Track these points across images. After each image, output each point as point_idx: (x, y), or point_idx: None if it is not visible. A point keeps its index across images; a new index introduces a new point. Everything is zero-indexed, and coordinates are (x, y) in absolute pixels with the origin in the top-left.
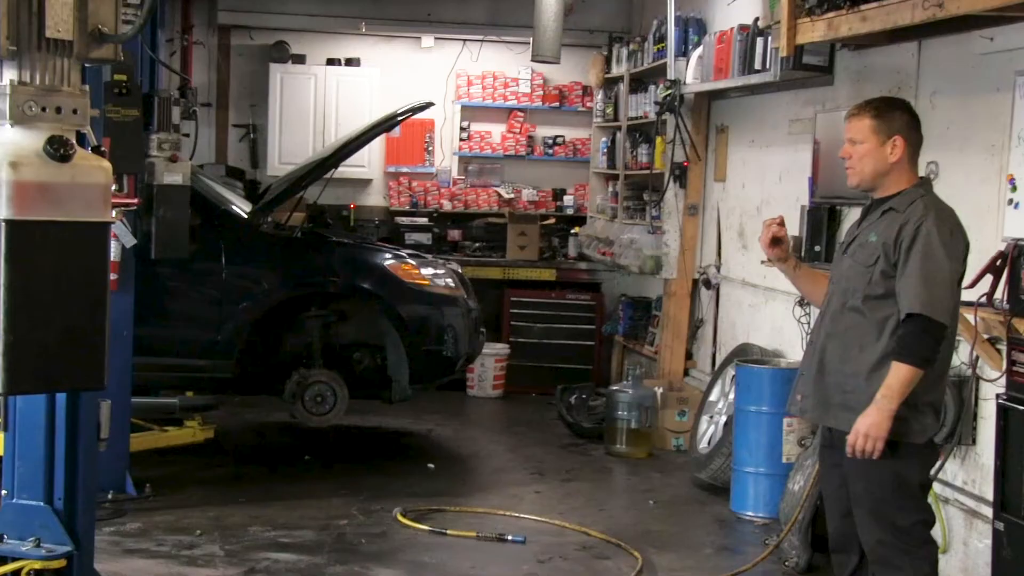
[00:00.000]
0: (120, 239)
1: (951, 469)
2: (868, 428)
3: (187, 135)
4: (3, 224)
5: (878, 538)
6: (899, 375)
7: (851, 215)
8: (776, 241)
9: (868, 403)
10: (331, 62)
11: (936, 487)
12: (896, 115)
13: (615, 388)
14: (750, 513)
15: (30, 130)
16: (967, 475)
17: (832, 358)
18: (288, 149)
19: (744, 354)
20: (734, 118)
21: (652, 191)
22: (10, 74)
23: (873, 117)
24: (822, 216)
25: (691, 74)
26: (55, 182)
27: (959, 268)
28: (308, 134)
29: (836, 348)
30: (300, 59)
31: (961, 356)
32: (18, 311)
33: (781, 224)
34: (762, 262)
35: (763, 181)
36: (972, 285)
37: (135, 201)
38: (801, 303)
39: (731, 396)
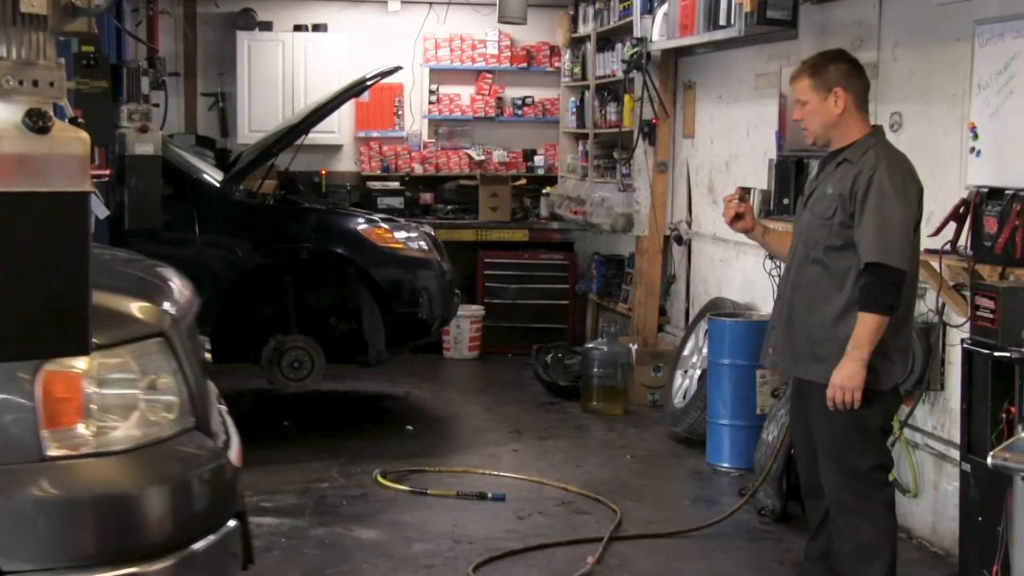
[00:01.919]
0: (93, 211)
1: (920, 415)
2: (843, 380)
3: (156, 105)
4: None
5: (838, 482)
6: (866, 324)
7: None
8: (738, 216)
9: (836, 352)
10: (298, 28)
11: (906, 433)
12: (831, 68)
13: (590, 346)
14: (726, 465)
15: (8, 104)
16: (936, 420)
17: (799, 310)
18: (257, 117)
19: (716, 308)
20: (701, 74)
21: (622, 149)
22: None
23: (810, 75)
24: (789, 169)
25: (657, 31)
26: (34, 154)
27: (913, 213)
28: (277, 101)
29: (802, 300)
30: (267, 26)
31: (928, 303)
32: (2, 280)
33: (741, 199)
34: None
35: (731, 136)
36: (936, 233)
37: (107, 172)
38: (771, 257)
39: (704, 350)
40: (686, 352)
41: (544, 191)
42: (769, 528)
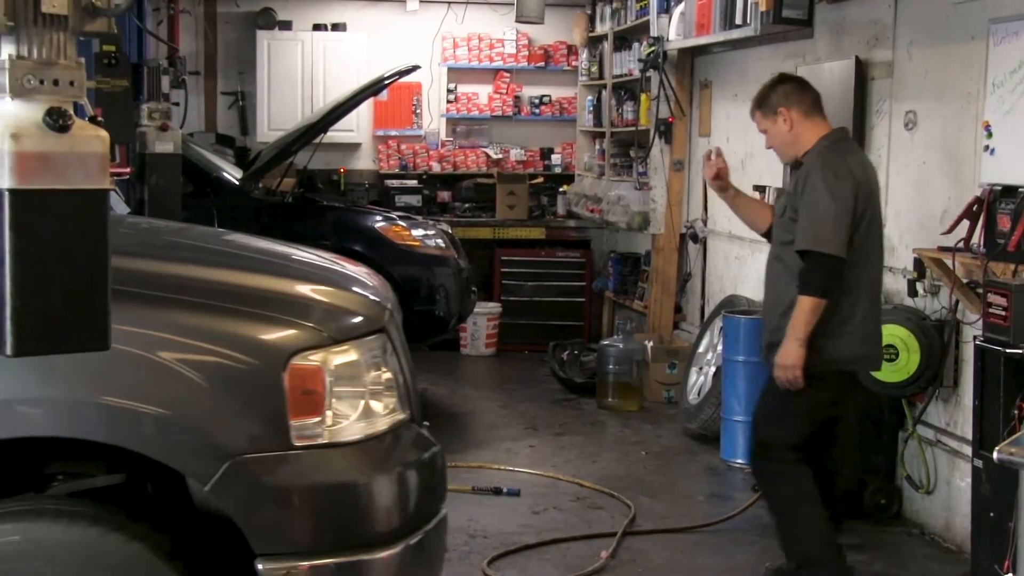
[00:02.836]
0: (113, 208)
1: (934, 411)
2: (782, 359)
3: (176, 104)
4: (6, 194)
5: (754, 448)
6: (801, 307)
7: None
8: (717, 175)
9: (770, 340)
10: (317, 27)
11: (920, 429)
12: (771, 94)
13: (606, 343)
14: (740, 461)
15: (29, 103)
16: (949, 417)
17: (767, 304)
18: (277, 115)
19: (731, 306)
20: (717, 73)
21: (638, 148)
22: (8, 49)
23: (758, 107)
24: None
25: (674, 31)
26: (55, 152)
27: (847, 205)
28: (296, 100)
29: (769, 295)
30: (287, 25)
31: (941, 301)
32: (23, 277)
33: (719, 155)
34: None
35: (746, 134)
36: (949, 231)
37: (127, 170)
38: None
39: (719, 347)
40: (701, 349)
41: (561, 189)
42: None
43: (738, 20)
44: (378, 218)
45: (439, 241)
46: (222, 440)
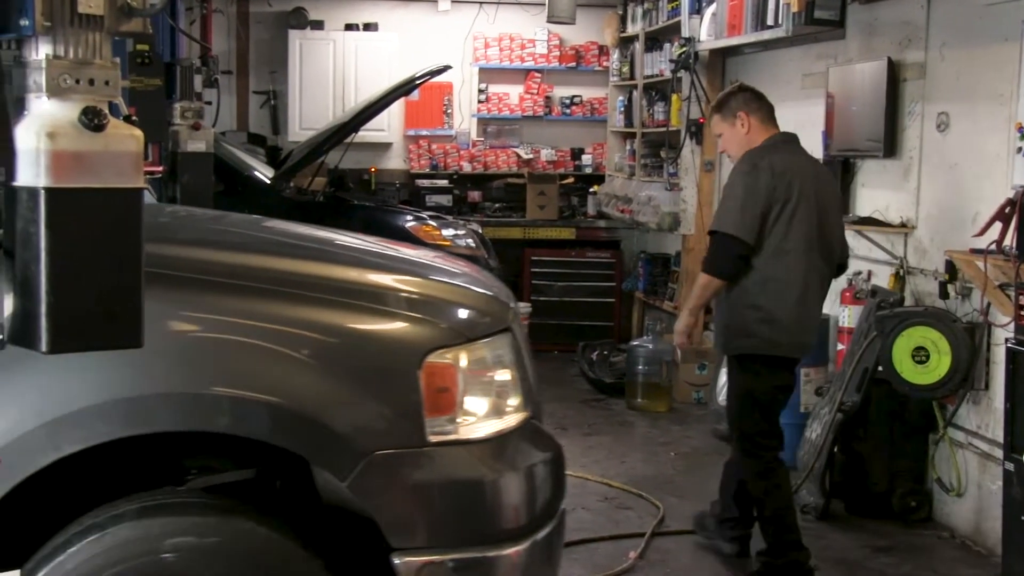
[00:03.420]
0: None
1: (965, 414)
2: (676, 326)
3: (209, 103)
4: (42, 192)
5: (735, 435)
6: (698, 282)
7: (865, 167)
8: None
9: (721, 329)
10: (349, 27)
11: (951, 432)
12: (731, 100)
13: (635, 343)
14: None
15: (65, 102)
16: (981, 419)
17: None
18: (308, 115)
19: None
20: (748, 74)
21: (669, 148)
22: (45, 49)
23: (717, 111)
24: (836, 168)
25: (705, 31)
26: (90, 151)
27: (757, 195)
28: (328, 99)
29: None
30: (318, 25)
31: (973, 303)
32: (58, 274)
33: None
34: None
35: None
36: (981, 233)
37: (160, 169)
38: None
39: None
40: None
41: (591, 190)
42: (811, 525)
43: (770, 21)
44: (408, 218)
45: (469, 241)
46: (361, 436)
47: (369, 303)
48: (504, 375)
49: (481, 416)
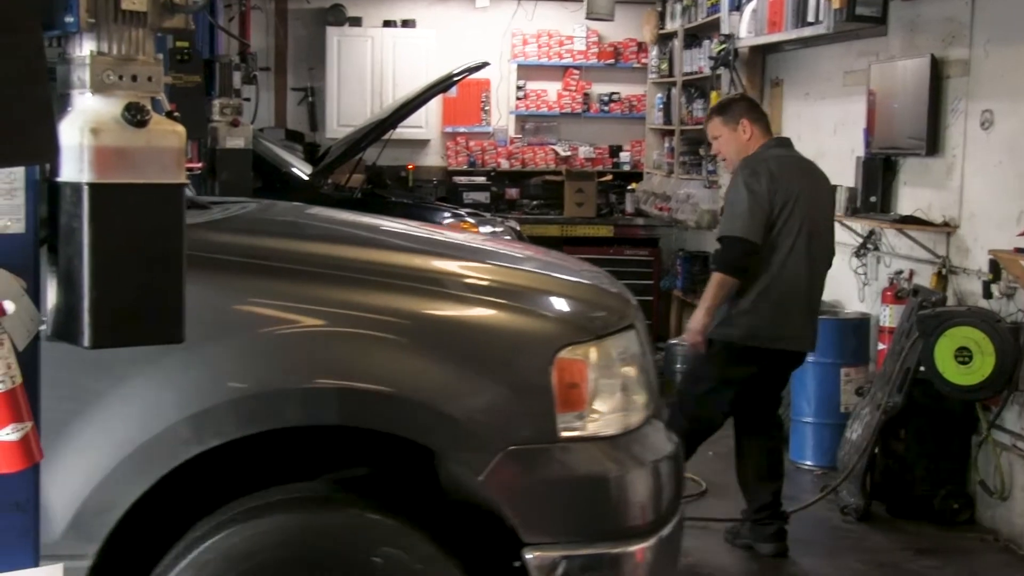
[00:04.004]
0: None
1: (1009, 416)
2: (691, 324)
3: (248, 100)
4: (86, 187)
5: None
6: (712, 281)
7: (906, 165)
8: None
9: (723, 318)
10: (387, 24)
11: (995, 434)
12: (735, 106)
13: (673, 342)
14: (809, 462)
15: (108, 98)
16: None
17: None
18: (346, 111)
19: None
20: (788, 71)
21: (708, 146)
22: (89, 45)
23: (718, 114)
24: (877, 167)
25: (745, 28)
26: (132, 146)
27: (762, 198)
28: (366, 96)
29: None
30: (356, 22)
31: (1018, 303)
32: (101, 269)
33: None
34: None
35: (818, 133)
36: None
37: (199, 165)
38: (857, 254)
39: None
40: None
41: (629, 187)
42: (851, 527)
43: (810, 17)
44: (446, 215)
45: (507, 239)
46: (496, 432)
47: (503, 300)
48: (630, 371)
49: (609, 412)
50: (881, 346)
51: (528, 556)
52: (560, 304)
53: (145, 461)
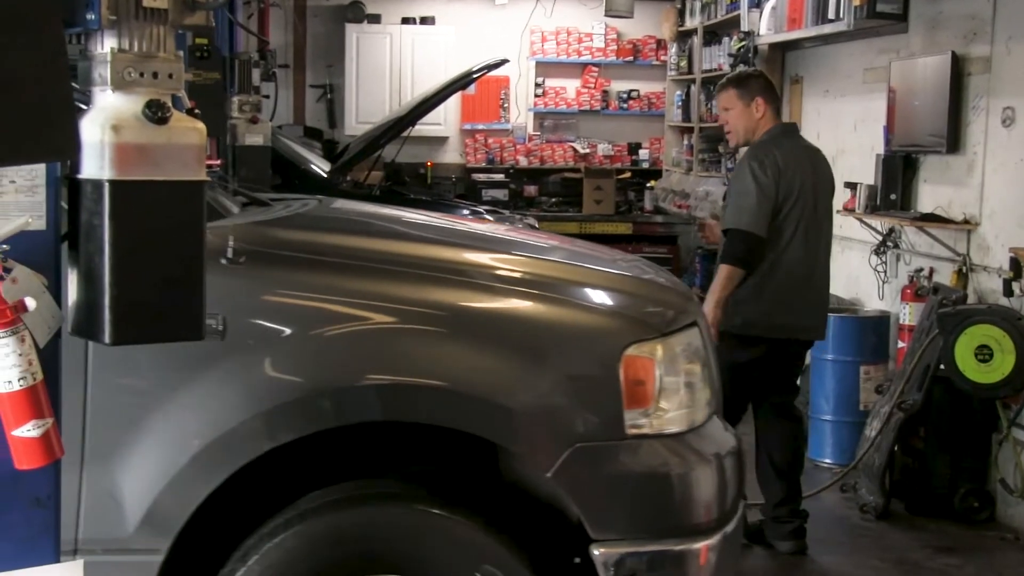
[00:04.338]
0: None
1: None
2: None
3: (267, 97)
4: (107, 184)
5: None
6: (721, 272)
7: (927, 162)
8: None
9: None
10: (406, 21)
11: (1015, 432)
12: (753, 82)
13: None
14: (828, 460)
15: (129, 95)
16: None
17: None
18: (365, 108)
19: None
20: (808, 68)
21: (727, 143)
22: (110, 42)
23: (735, 87)
24: (897, 164)
25: (765, 25)
26: (153, 143)
27: (769, 189)
28: (384, 93)
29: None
30: (375, 19)
31: None
32: (121, 266)
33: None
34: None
35: (837, 131)
36: None
37: (218, 162)
38: (877, 252)
39: None
40: None
41: (648, 185)
42: (870, 525)
43: (831, 14)
44: (465, 212)
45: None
46: (565, 428)
47: (571, 297)
48: (695, 368)
49: (674, 409)
50: (900, 344)
51: (596, 552)
52: (627, 301)
53: (217, 456)
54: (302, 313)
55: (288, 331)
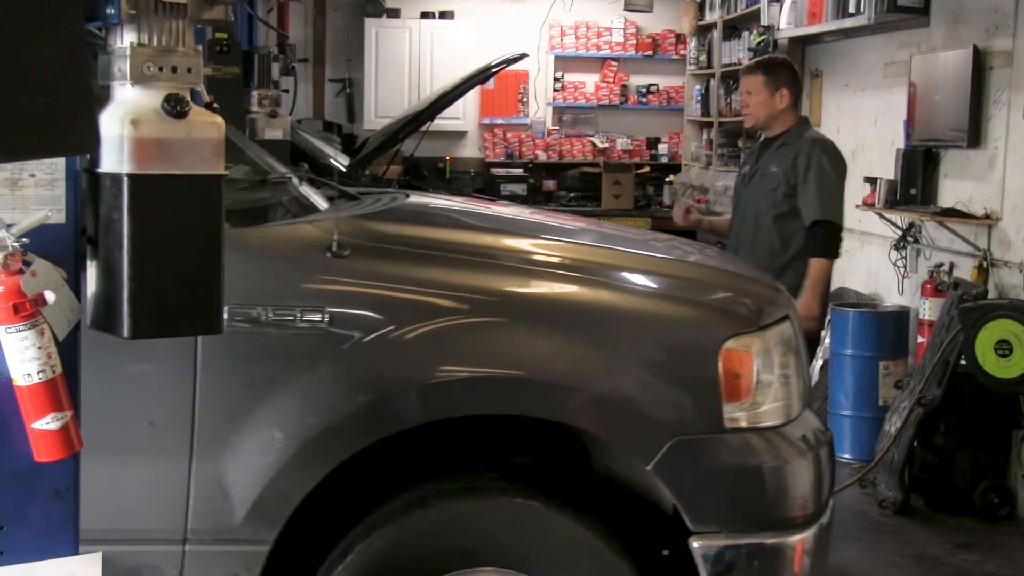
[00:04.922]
0: None
1: None
2: (801, 310)
3: (286, 91)
4: (126, 178)
5: None
6: (819, 267)
7: (947, 157)
8: (687, 211)
9: None
10: (425, 15)
11: None
12: (782, 71)
13: None
14: (847, 456)
15: (148, 89)
16: None
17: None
18: (384, 103)
19: (840, 298)
20: (828, 63)
21: (747, 138)
22: (130, 37)
23: (764, 73)
24: (918, 158)
25: (785, 19)
26: (172, 137)
27: (842, 183)
28: (403, 87)
29: (747, 256)
30: (395, 13)
31: None
32: (140, 261)
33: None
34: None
35: (858, 125)
36: None
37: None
38: (897, 247)
39: (827, 340)
40: None
41: (667, 179)
42: (889, 520)
43: (851, 8)
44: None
45: None
46: (666, 420)
47: (669, 292)
48: (789, 361)
49: (770, 403)
50: (920, 339)
51: (695, 544)
52: (724, 295)
53: (321, 449)
54: (406, 306)
55: (393, 324)
